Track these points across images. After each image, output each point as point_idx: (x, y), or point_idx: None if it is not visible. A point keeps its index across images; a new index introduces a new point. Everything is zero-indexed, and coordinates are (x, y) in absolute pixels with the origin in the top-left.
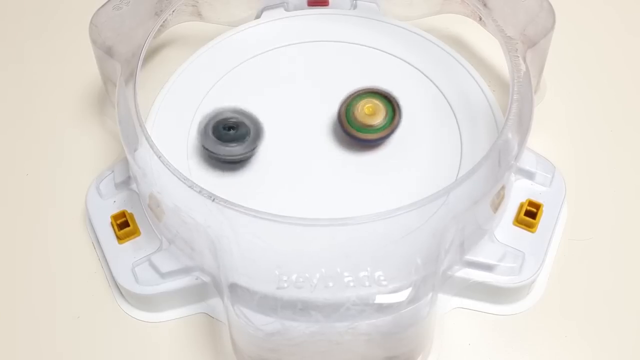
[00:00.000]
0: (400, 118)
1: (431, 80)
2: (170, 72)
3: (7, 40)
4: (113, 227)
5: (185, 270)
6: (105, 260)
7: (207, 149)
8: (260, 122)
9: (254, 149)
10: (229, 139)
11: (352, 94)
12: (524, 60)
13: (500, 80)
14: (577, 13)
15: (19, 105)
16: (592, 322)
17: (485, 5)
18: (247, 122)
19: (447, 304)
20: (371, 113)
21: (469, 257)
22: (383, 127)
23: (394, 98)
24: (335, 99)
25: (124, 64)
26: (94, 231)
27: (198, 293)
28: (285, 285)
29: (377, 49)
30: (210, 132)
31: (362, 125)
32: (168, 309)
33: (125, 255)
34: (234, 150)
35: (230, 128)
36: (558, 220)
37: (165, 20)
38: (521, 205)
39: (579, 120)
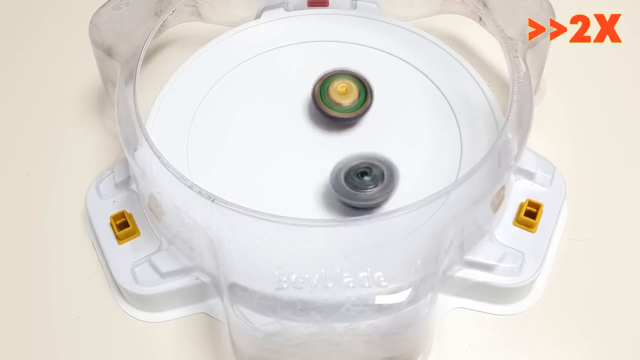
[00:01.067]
0: (372, 100)
1: (431, 80)
2: (170, 72)
3: (6, 40)
4: (113, 227)
5: (185, 270)
6: (105, 260)
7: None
8: (395, 167)
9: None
10: (364, 186)
11: (327, 74)
12: (524, 61)
13: (500, 80)
14: (576, 13)
15: (18, 105)
16: (592, 322)
17: (485, 5)
18: (380, 166)
19: (447, 304)
20: (344, 92)
21: (469, 257)
22: (354, 108)
23: (366, 80)
24: None
25: (124, 64)
26: (94, 231)
27: (198, 293)
28: (285, 285)
29: (377, 49)
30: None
31: (335, 103)
32: (168, 309)
33: (125, 255)
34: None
35: (363, 174)
36: (558, 220)
37: (165, 20)
38: (521, 206)
39: (579, 120)
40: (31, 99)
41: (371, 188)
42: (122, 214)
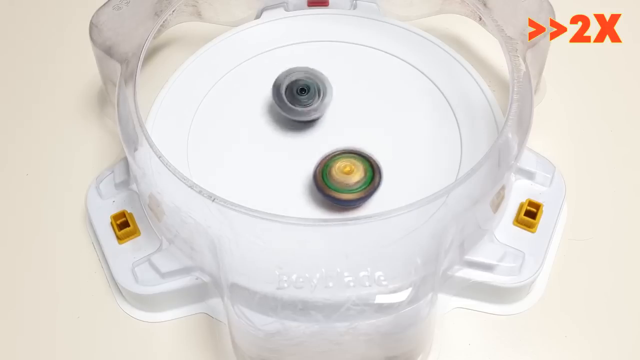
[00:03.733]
0: (380, 178)
1: (431, 80)
2: (170, 72)
3: (7, 40)
4: (113, 227)
5: (185, 270)
6: (105, 260)
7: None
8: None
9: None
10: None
11: (329, 155)
12: (524, 60)
13: (500, 80)
14: (576, 13)
15: (19, 105)
16: (592, 322)
17: (485, 5)
18: (317, 82)
19: (447, 304)
20: (349, 172)
21: (469, 257)
22: (362, 187)
23: (372, 158)
24: (334, 98)
25: (124, 64)
26: (94, 231)
27: (198, 293)
28: (285, 285)
29: (377, 49)
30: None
31: (340, 184)
32: (168, 309)
33: (125, 255)
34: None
35: (302, 90)
36: (558, 220)
37: (165, 20)
38: (521, 205)
39: (579, 120)
40: (31, 99)
41: (308, 104)
42: (122, 214)
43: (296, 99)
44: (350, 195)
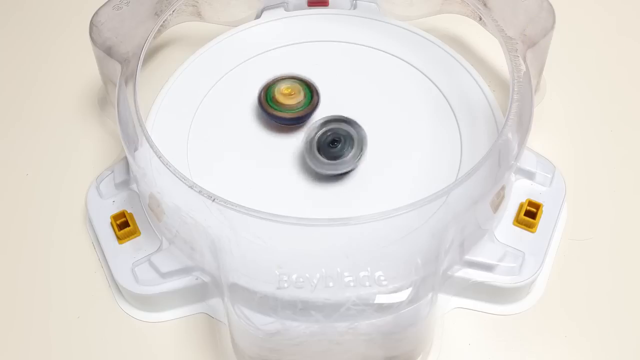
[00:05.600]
0: (319, 98)
1: (431, 80)
2: (170, 72)
3: (7, 40)
4: (113, 227)
5: (185, 270)
6: (105, 260)
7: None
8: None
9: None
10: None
11: (270, 81)
12: (524, 60)
13: (500, 80)
14: (576, 13)
15: (19, 105)
16: (592, 322)
17: (485, 5)
18: (351, 132)
19: (447, 304)
20: (290, 94)
21: (469, 257)
22: (303, 107)
23: (309, 81)
24: (334, 98)
25: (124, 64)
26: (94, 231)
27: (198, 293)
28: (286, 285)
29: (377, 49)
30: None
31: (282, 105)
32: (168, 309)
33: (125, 255)
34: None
35: (334, 142)
36: (558, 220)
37: (165, 20)
38: (521, 205)
39: (579, 120)
40: (31, 99)
41: (344, 155)
42: (122, 214)
43: (328, 152)
44: (293, 114)
